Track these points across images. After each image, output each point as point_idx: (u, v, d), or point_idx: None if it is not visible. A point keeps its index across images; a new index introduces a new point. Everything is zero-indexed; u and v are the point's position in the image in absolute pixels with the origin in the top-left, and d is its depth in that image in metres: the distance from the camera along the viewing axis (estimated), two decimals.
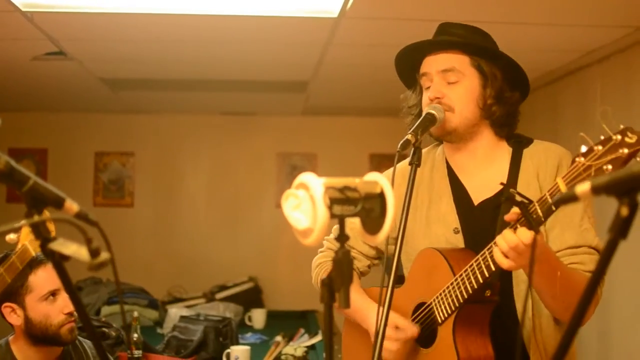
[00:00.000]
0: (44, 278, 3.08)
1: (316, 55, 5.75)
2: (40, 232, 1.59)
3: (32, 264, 3.06)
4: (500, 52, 2.85)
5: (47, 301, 3.09)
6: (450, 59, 2.81)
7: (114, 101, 8.11)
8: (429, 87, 2.84)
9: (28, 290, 3.06)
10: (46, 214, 1.57)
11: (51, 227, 2.38)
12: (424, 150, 2.76)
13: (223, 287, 7.92)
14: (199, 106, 8.63)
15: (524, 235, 2.36)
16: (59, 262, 1.60)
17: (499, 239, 2.43)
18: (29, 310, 3.09)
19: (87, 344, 3.36)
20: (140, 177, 8.96)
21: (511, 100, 2.86)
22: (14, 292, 3.07)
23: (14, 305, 3.10)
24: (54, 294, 3.10)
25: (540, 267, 2.47)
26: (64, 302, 3.11)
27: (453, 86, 2.79)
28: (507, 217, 2.44)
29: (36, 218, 1.54)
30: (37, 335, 3.11)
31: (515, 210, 2.42)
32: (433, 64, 2.84)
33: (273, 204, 8.92)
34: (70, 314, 3.12)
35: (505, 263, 2.42)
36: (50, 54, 5.74)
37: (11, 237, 2.55)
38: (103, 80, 6.95)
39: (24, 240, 2.49)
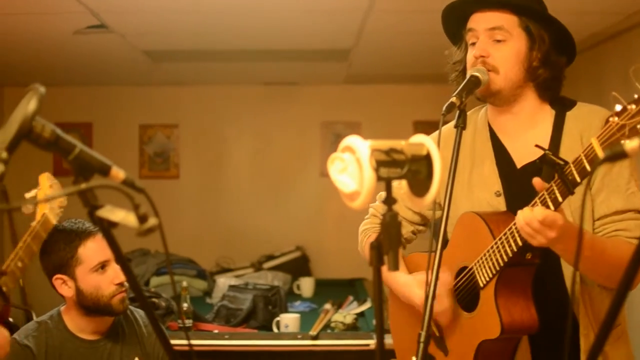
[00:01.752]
0: (93, 249, 3.09)
1: (357, 22, 5.71)
2: (88, 200, 1.59)
3: (81, 236, 3.08)
4: (549, 15, 2.81)
5: (97, 272, 3.10)
6: (499, 18, 2.77)
7: (156, 73, 8.13)
8: (474, 44, 2.80)
9: (78, 262, 3.08)
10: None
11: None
12: (467, 113, 2.74)
13: (270, 257, 7.95)
14: (241, 77, 8.62)
15: (538, 213, 2.36)
16: (108, 229, 1.60)
17: (517, 214, 2.42)
18: (80, 281, 3.10)
19: (139, 313, 3.38)
20: (185, 148, 8.99)
21: (557, 64, 2.82)
22: (64, 264, 3.09)
23: (65, 277, 3.12)
24: (103, 265, 3.12)
25: (564, 246, 2.46)
26: (114, 273, 3.13)
27: (499, 45, 2.75)
28: (535, 183, 2.42)
29: (84, 185, 1.54)
30: (89, 306, 3.13)
31: (536, 181, 2.41)
32: (481, 21, 2.80)
33: (318, 173, 8.91)
34: (121, 284, 3.13)
35: (525, 237, 2.45)
36: (91, 27, 5.76)
37: (28, 207, 2.55)
38: (145, 53, 6.96)
39: (43, 209, 2.50)
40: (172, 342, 1.78)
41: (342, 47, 6.81)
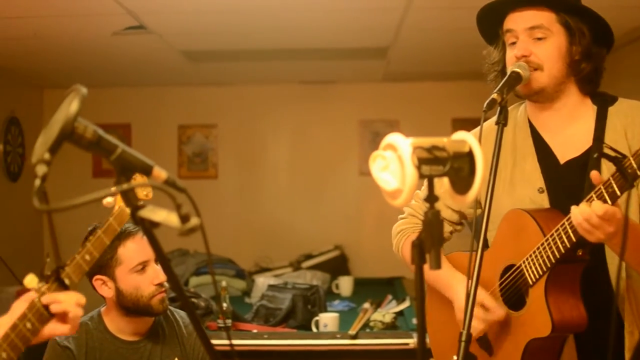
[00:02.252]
0: (133, 250, 3.10)
1: (396, 19, 5.70)
2: (130, 200, 1.59)
3: (121, 237, 3.08)
4: (586, 7, 2.78)
5: (137, 273, 3.11)
6: (537, 16, 2.75)
7: (194, 74, 8.16)
8: (513, 43, 2.79)
9: (118, 262, 3.09)
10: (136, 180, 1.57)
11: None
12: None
13: (309, 256, 7.95)
14: (279, 76, 8.63)
15: (598, 207, 2.32)
16: (149, 229, 1.60)
17: (573, 210, 2.39)
18: (120, 282, 3.11)
19: (179, 314, 3.39)
20: (223, 148, 9.01)
21: (599, 56, 2.79)
22: (104, 265, 3.10)
23: (105, 278, 3.13)
24: (143, 265, 3.12)
25: (619, 240, 2.42)
26: (154, 274, 3.13)
27: (540, 43, 2.73)
28: (593, 176, 2.39)
29: (125, 185, 1.54)
30: (129, 306, 3.14)
31: (595, 174, 2.38)
32: (519, 21, 2.78)
33: (356, 172, 8.91)
34: (160, 285, 3.14)
35: (582, 233, 2.41)
36: (130, 28, 5.79)
37: (108, 200, 2.57)
38: (183, 53, 6.99)
39: (120, 202, 2.51)
40: (212, 342, 1.77)
41: (381, 45, 6.79)
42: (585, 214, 2.36)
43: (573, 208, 2.41)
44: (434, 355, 3.23)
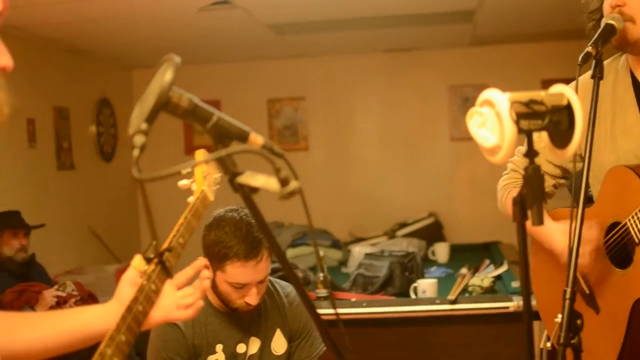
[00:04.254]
0: (238, 273, 3.03)
1: None
2: (228, 167, 1.59)
3: (232, 256, 3.01)
4: None
5: (233, 287, 3.10)
6: None
7: (281, 47, 8.18)
8: None
9: (221, 268, 3.07)
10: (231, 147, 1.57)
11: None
12: (605, 62, 2.66)
13: (404, 224, 7.93)
14: (365, 45, 8.60)
15: None
16: (248, 195, 1.60)
17: None
18: (217, 280, 3.12)
19: (280, 284, 3.40)
20: (313, 120, 9.03)
21: None
22: (212, 259, 3.08)
23: (207, 264, 3.13)
24: (242, 286, 3.10)
25: None
26: (249, 295, 3.09)
27: None
28: None
29: (224, 151, 1.55)
30: (219, 297, 3.16)
31: None
32: None
33: (447, 138, 8.85)
34: (250, 305, 3.12)
35: None
36: (215, 3, 5.81)
37: (184, 182, 2.57)
38: (269, 26, 7.00)
39: (201, 185, 2.51)
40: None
41: (466, 8, 6.72)
42: None
43: None
44: (541, 316, 3.20)
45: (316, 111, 9.03)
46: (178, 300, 2.09)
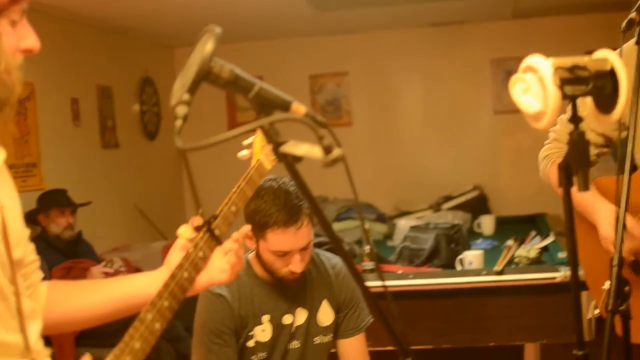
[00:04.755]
0: (280, 240, 3.06)
1: None
2: (272, 136, 1.59)
3: (272, 223, 3.04)
4: None
5: (276, 255, 3.11)
6: None
7: (323, 23, 8.16)
8: None
9: (263, 237, 3.09)
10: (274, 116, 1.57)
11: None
12: None
13: (448, 198, 7.91)
14: (407, 20, 8.56)
15: None
16: (292, 164, 1.60)
17: None
18: (261, 250, 3.13)
19: (326, 256, 3.40)
20: (356, 95, 9.02)
21: None
22: (253, 228, 3.10)
23: (251, 234, 3.15)
24: (285, 253, 3.11)
25: None
26: (293, 263, 3.11)
27: None
28: None
29: (266, 119, 1.55)
30: (264, 267, 3.18)
31: None
32: None
33: (491, 111, 8.81)
34: (295, 273, 3.13)
35: None
36: None
37: (244, 153, 2.60)
38: (310, 2, 6.98)
39: (258, 155, 2.53)
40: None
41: None
42: None
43: None
44: (588, 285, 3.18)
45: (359, 86, 9.01)
46: (224, 265, 2.13)
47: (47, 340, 1.95)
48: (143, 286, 2.13)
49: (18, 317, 1.80)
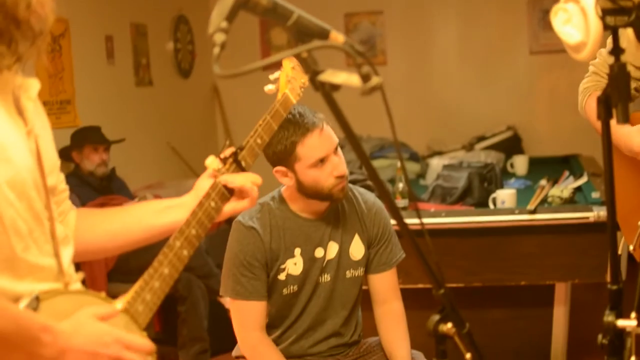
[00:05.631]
0: (311, 147, 3.10)
1: None
2: (309, 65, 1.60)
3: (299, 133, 3.09)
4: None
5: (316, 167, 3.12)
6: None
7: None
8: None
9: (296, 159, 3.11)
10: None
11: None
12: None
13: (482, 138, 7.87)
14: None
15: None
16: (329, 93, 1.60)
17: None
18: (300, 175, 3.14)
19: (358, 190, 3.42)
20: (391, 34, 8.95)
21: None
22: (284, 159, 3.13)
23: (285, 170, 3.17)
24: (322, 160, 3.13)
25: None
26: (333, 167, 3.13)
27: None
28: None
29: (304, 47, 1.55)
30: (310, 194, 3.19)
31: None
32: None
33: (526, 51, 8.71)
34: (340, 177, 3.15)
35: None
36: None
37: (270, 88, 2.62)
38: None
39: (283, 89, 2.55)
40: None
41: None
42: None
43: None
44: (620, 224, 3.17)
45: (394, 25, 8.94)
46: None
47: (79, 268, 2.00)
48: (170, 215, 2.19)
49: (52, 241, 1.85)
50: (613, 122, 1.74)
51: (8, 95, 1.80)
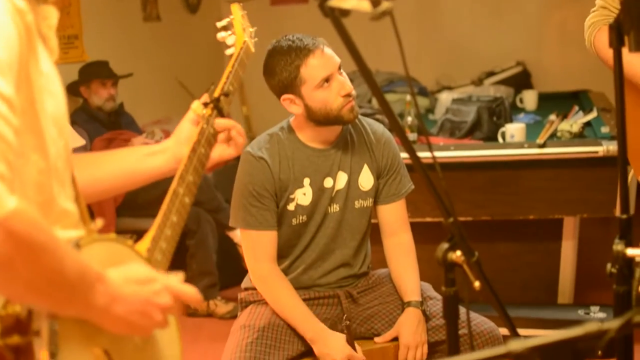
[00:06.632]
0: (315, 67, 3.12)
1: None
2: None
3: (300, 55, 3.11)
4: None
5: (322, 88, 3.13)
6: None
7: None
8: None
9: (302, 81, 3.12)
10: None
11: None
12: None
13: (491, 73, 7.80)
14: None
15: None
16: (339, 19, 1.59)
17: None
18: (307, 99, 3.15)
19: (367, 121, 3.42)
20: None
21: None
22: (289, 85, 3.14)
23: (292, 96, 3.17)
24: (327, 79, 3.14)
25: None
26: (340, 85, 3.15)
27: None
28: None
29: None
30: (320, 119, 3.19)
31: None
32: None
33: None
34: (347, 95, 3.16)
35: None
36: None
37: (223, 35, 2.61)
38: None
39: (242, 37, 2.56)
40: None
41: None
42: None
43: None
44: (629, 157, 3.16)
45: None
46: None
47: (89, 209, 1.97)
48: (153, 161, 2.22)
49: (73, 185, 1.80)
50: (625, 51, 1.73)
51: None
